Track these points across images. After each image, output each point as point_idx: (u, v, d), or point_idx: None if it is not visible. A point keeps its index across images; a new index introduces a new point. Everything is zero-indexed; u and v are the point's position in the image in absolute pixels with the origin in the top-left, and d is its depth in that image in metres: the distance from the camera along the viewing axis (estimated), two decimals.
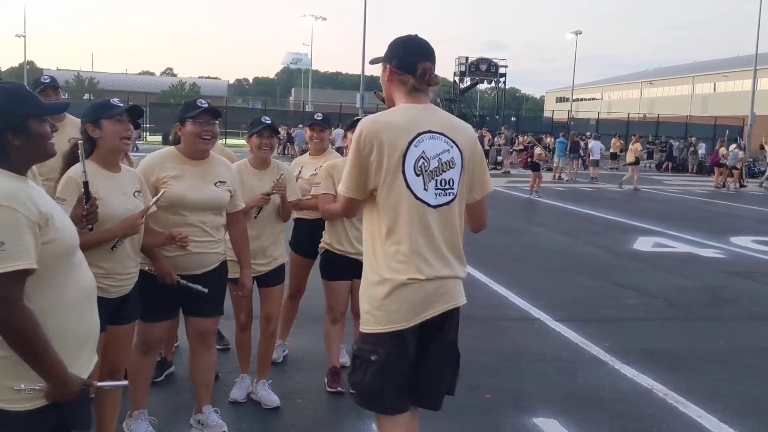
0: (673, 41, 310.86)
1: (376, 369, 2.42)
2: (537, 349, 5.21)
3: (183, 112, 3.37)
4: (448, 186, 2.48)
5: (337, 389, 4.14)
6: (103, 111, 2.91)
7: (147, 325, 3.35)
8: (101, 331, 2.66)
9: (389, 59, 2.53)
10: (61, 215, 2.05)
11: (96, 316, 2.17)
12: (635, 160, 21.22)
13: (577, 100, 71.17)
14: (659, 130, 42.94)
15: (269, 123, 3.89)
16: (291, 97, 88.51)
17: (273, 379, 4.13)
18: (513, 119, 49.22)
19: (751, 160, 29.25)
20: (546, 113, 65.15)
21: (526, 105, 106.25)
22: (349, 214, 2.69)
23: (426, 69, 2.48)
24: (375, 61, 2.63)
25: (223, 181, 3.39)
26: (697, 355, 5.24)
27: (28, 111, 1.96)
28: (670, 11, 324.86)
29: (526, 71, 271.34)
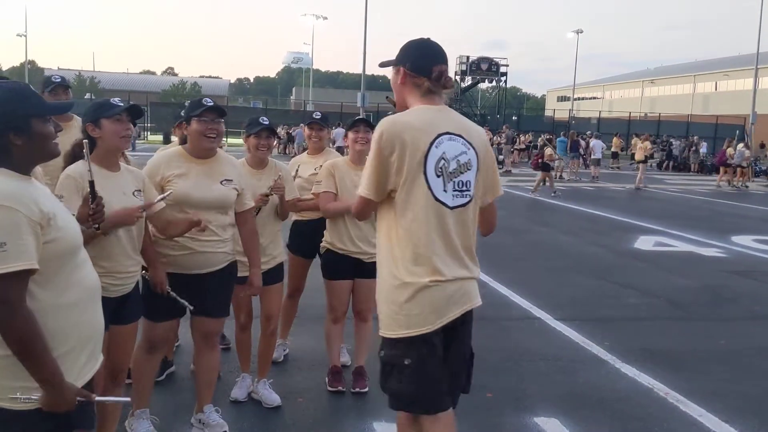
0: (675, 40, 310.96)
1: (411, 372, 2.42)
2: (538, 349, 5.21)
3: (188, 110, 3.38)
4: (465, 188, 2.49)
5: (338, 388, 4.14)
6: (103, 110, 2.92)
7: (152, 324, 3.36)
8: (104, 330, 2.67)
9: (403, 62, 2.50)
10: (65, 214, 2.05)
11: (100, 315, 2.17)
12: (644, 158, 21.28)
13: (578, 99, 71.14)
14: (660, 129, 42.89)
15: (267, 124, 3.88)
16: (292, 97, 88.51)
17: (274, 379, 4.14)
18: (514, 118, 49.23)
19: (753, 158, 29.19)
20: (547, 112, 65.21)
21: (527, 104, 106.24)
22: (364, 215, 2.67)
23: (442, 72, 2.47)
24: (385, 64, 2.61)
25: (230, 180, 3.38)
26: (698, 355, 5.24)
27: (30, 111, 1.95)
28: (671, 10, 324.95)
29: (527, 70, 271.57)
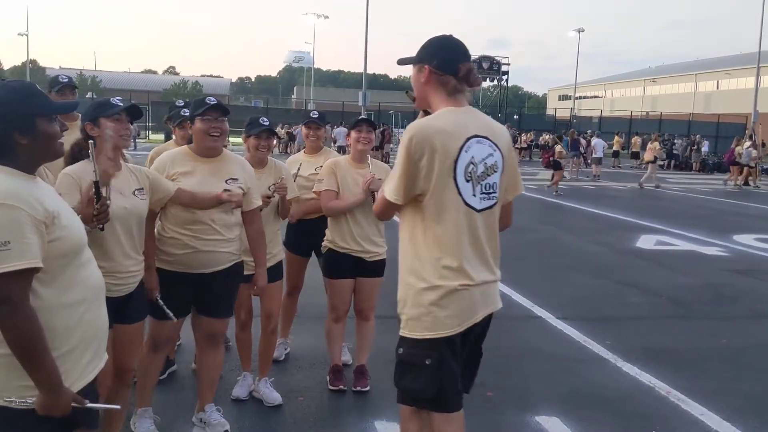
0: (676, 39, 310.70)
1: (430, 372, 2.42)
2: (539, 347, 5.21)
3: (192, 110, 3.40)
4: (492, 190, 2.49)
5: (339, 387, 4.14)
6: (102, 110, 2.92)
7: (158, 323, 3.36)
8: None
9: (428, 60, 2.45)
10: (69, 213, 2.05)
11: (105, 315, 2.17)
12: (653, 158, 21.30)
13: (580, 97, 71.09)
14: (662, 127, 42.84)
15: (267, 125, 3.89)
16: (293, 96, 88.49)
17: (275, 377, 4.14)
18: (515, 117, 49.20)
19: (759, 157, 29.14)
20: (548, 111, 65.18)
21: (528, 103, 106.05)
22: (385, 216, 2.66)
23: (470, 69, 2.44)
24: (405, 62, 2.56)
25: (235, 179, 3.38)
26: (700, 354, 5.24)
27: (35, 110, 1.95)
28: (672, 9, 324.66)
29: (528, 69, 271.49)
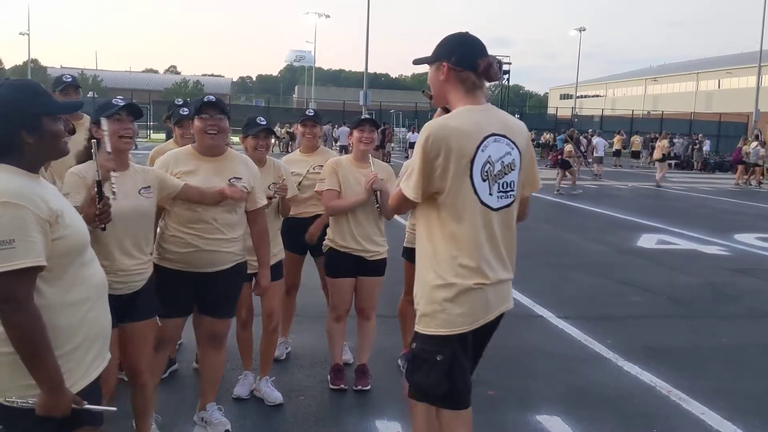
0: (677, 38, 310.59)
1: (441, 368, 2.43)
2: (540, 347, 5.22)
3: (192, 109, 3.42)
4: (509, 188, 2.49)
5: (340, 386, 4.15)
6: (102, 111, 2.95)
7: (161, 321, 3.35)
8: (112, 328, 2.68)
9: (446, 57, 2.45)
10: (72, 212, 2.06)
11: (108, 314, 2.17)
12: (662, 157, 21.27)
13: (581, 97, 71.04)
14: (663, 127, 42.77)
15: (265, 125, 3.92)
16: (294, 95, 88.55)
17: (276, 376, 4.14)
18: (517, 116, 48.46)
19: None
20: (550, 110, 65.07)
21: (529, 102, 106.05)
22: (400, 211, 2.70)
23: (489, 64, 2.43)
24: (421, 62, 2.56)
25: (239, 178, 3.38)
26: (700, 353, 5.24)
27: (41, 109, 1.96)
28: (674, 8, 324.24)
29: (529, 68, 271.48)
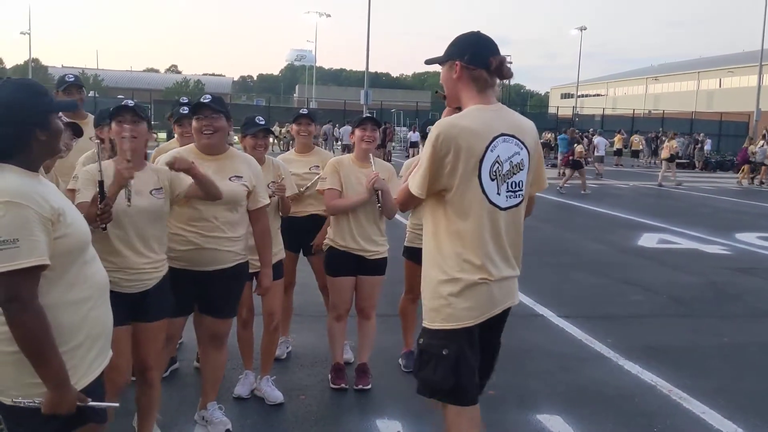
0: (678, 37, 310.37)
1: (448, 363, 2.45)
2: (541, 346, 5.22)
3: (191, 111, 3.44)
4: (518, 188, 2.51)
5: (341, 386, 4.15)
6: (108, 114, 2.99)
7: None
8: (122, 326, 2.70)
9: (458, 55, 2.46)
10: (73, 211, 2.06)
11: (109, 312, 2.17)
12: (670, 156, 21.24)
13: (582, 96, 70.98)
14: (664, 126, 42.80)
15: (264, 125, 3.93)
16: (295, 94, 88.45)
17: (276, 376, 4.14)
18: None
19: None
20: (551, 110, 65.02)
21: (530, 101, 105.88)
22: (406, 208, 2.72)
23: (501, 61, 2.45)
24: (433, 61, 2.57)
25: (239, 176, 3.39)
26: (701, 352, 5.23)
27: (48, 106, 1.99)
28: (675, 7, 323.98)
29: (530, 67, 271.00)
